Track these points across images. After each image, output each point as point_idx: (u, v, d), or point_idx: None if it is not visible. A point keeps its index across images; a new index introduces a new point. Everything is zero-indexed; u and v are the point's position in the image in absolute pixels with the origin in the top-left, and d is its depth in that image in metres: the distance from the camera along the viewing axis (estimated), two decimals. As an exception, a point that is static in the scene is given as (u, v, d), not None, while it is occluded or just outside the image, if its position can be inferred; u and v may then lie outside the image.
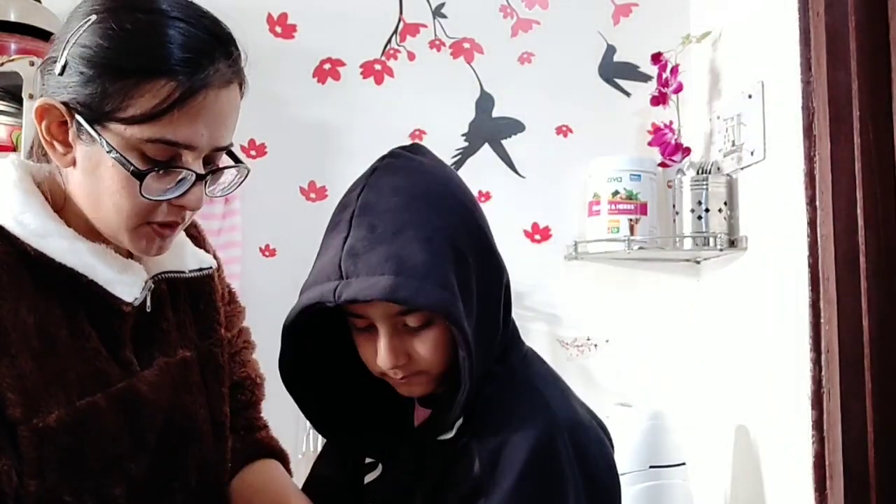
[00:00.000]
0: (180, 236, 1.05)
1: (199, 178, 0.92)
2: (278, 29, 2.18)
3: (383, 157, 0.99)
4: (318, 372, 1.03)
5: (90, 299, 0.93)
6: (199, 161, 0.92)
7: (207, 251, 1.15)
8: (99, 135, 0.88)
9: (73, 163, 0.92)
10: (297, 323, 0.94)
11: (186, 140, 0.89)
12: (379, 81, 2.20)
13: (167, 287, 1.05)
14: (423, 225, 0.89)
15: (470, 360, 0.88)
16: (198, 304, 1.10)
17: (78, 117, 0.89)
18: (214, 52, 0.91)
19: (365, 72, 2.20)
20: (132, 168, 0.88)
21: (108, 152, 0.88)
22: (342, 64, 2.20)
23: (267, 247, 2.10)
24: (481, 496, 0.91)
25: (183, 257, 1.07)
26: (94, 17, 0.89)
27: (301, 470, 2.22)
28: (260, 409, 1.23)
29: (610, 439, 1.01)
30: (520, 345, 1.03)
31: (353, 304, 0.89)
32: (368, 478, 1.04)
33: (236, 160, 1.00)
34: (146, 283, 0.99)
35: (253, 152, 2.15)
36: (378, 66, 2.20)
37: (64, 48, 0.89)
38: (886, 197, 1.50)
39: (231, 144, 0.97)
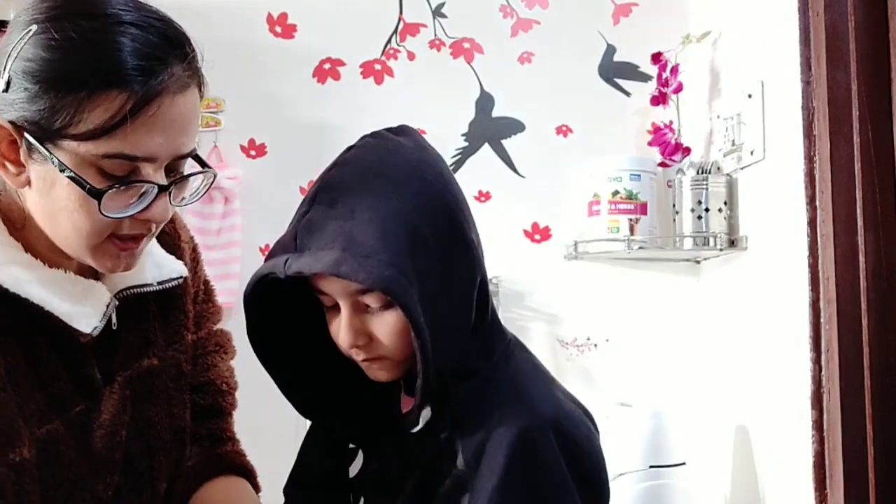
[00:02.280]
0: (153, 245, 1.01)
1: (162, 189, 0.86)
2: (278, 29, 2.18)
3: (363, 136, 0.97)
4: (304, 353, 1.02)
5: (48, 327, 0.89)
6: (160, 172, 0.86)
7: (180, 246, 1.10)
8: (51, 153, 0.82)
9: (28, 183, 0.86)
10: (255, 294, 0.94)
11: (145, 152, 0.83)
12: (379, 81, 2.20)
13: (135, 298, 1.00)
14: (381, 206, 0.88)
15: (423, 344, 0.86)
16: (168, 312, 1.06)
17: (27, 136, 0.83)
18: (168, 56, 0.84)
19: (365, 72, 2.20)
20: (88, 187, 0.82)
21: (62, 171, 0.82)
22: (342, 64, 2.20)
23: (267, 247, 2.10)
24: (466, 492, 0.91)
25: (148, 269, 1.01)
26: (34, 28, 0.82)
27: (301, 470, 2.20)
28: (228, 421, 1.14)
29: (595, 426, 0.99)
30: (504, 339, 1.01)
31: (300, 277, 0.89)
32: (353, 469, 1.04)
33: (203, 164, 0.94)
34: (109, 304, 0.95)
35: (253, 152, 2.15)
36: (378, 66, 2.20)
37: (6, 63, 0.83)
38: (886, 197, 1.50)
39: (195, 150, 0.90)
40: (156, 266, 1.02)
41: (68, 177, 0.82)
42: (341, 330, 0.92)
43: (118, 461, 0.94)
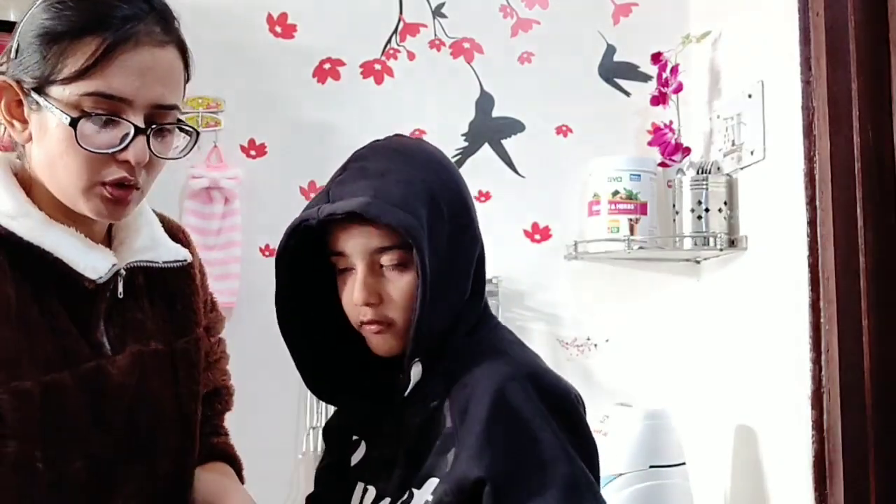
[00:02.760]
0: (156, 230, 1.10)
1: (139, 131, 0.94)
2: (278, 29, 2.18)
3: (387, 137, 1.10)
4: (319, 337, 1.09)
5: (58, 279, 0.97)
6: (139, 117, 0.95)
7: (192, 252, 1.17)
8: (44, 98, 0.93)
9: (31, 138, 0.97)
10: (286, 252, 1.03)
11: (120, 91, 0.93)
12: (379, 81, 2.20)
13: (144, 281, 1.07)
14: (407, 172, 1.00)
15: (424, 291, 0.95)
16: (175, 303, 1.12)
17: (27, 89, 0.95)
18: (146, 14, 0.96)
19: (365, 72, 2.20)
20: (68, 118, 0.92)
21: (49, 107, 0.93)
22: (342, 64, 2.19)
23: (267, 247, 2.10)
24: (453, 447, 0.96)
25: (156, 248, 1.09)
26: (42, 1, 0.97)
27: (301, 470, 2.23)
28: (223, 418, 1.26)
29: (582, 403, 1.03)
30: (491, 320, 1.10)
31: (331, 221, 0.98)
32: (355, 458, 1.10)
33: (185, 126, 1.02)
34: (115, 267, 1.01)
35: (253, 152, 2.15)
36: (378, 66, 2.20)
37: (17, 33, 0.97)
38: (886, 197, 1.50)
39: (176, 107, 0.99)
40: (164, 248, 1.10)
41: (55, 110, 0.92)
42: (356, 288, 1.00)
43: (120, 426, 0.99)
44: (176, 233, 1.17)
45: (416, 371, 1.00)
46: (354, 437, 1.10)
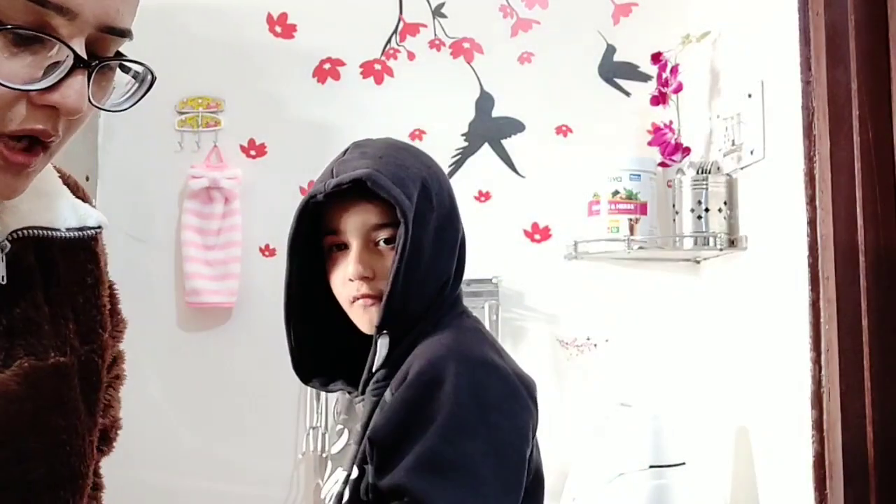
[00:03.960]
0: (55, 183, 0.77)
1: (80, 63, 0.62)
2: (278, 29, 2.18)
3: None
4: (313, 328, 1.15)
5: None
6: (80, 41, 0.62)
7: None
8: None
9: None
10: (298, 235, 1.10)
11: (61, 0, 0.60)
12: (379, 81, 2.20)
13: (36, 262, 0.74)
14: (403, 158, 1.08)
15: (401, 262, 1.01)
16: (77, 293, 0.79)
17: None
18: None
19: (365, 72, 2.20)
20: None
21: None
22: (342, 64, 2.20)
23: (267, 247, 2.10)
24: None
25: (57, 210, 0.75)
26: None
27: (301, 470, 2.23)
28: (100, 464, 0.90)
29: (534, 400, 1.05)
30: (457, 307, 1.13)
31: (330, 202, 1.06)
32: (337, 447, 1.17)
33: (134, 63, 0.69)
34: None
35: (253, 152, 2.15)
36: (378, 66, 2.20)
37: None
38: (886, 197, 1.50)
39: (129, 35, 0.67)
40: (67, 209, 0.77)
41: None
42: (351, 262, 1.06)
43: None
44: (74, 189, 0.82)
45: (382, 342, 1.05)
46: (338, 428, 1.16)
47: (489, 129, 2.20)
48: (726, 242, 1.92)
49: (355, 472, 1.02)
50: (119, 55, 0.67)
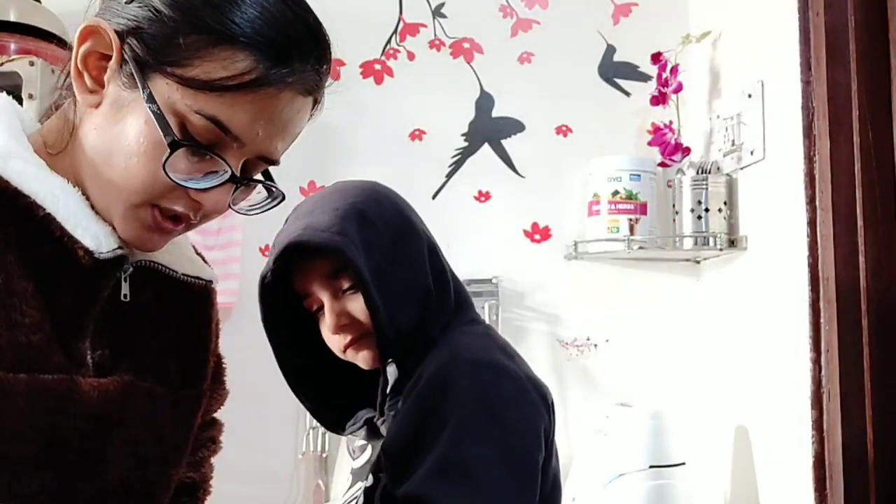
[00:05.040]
0: (184, 239, 0.90)
1: (233, 180, 0.76)
2: (278, 29, 2.18)
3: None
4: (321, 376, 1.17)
5: (43, 244, 0.74)
6: (238, 162, 0.77)
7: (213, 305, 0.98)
8: (145, 81, 0.73)
9: (98, 104, 0.76)
10: (268, 319, 1.12)
11: (239, 131, 0.74)
12: (379, 81, 2.20)
13: (155, 297, 0.85)
14: (334, 202, 1.08)
15: (370, 299, 1.02)
16: (187, 338, 0.90)
17: (128, 53, 0.74)
18: (309, 53, 0.77)
19: (365, 72, 2.20)
20: (170, 134, 0.72)
21: (149, 104, 0.72)
22: (342, 64, 2.19)
23: (267, 247, 2.10)
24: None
25: (178, 257, 0.88)
26: None
27: (301, 470, 2.23)
28: None
29: (547, 404, 1.05)
30: (463, 317, 1.13)
31: (290, 271, 1.08)
32: (357, 463, 1.15)
33: (271, 181, 0.85)
34: (121, 251, 0.79)
35: (253, 152, 2.15)
36: (378, 66, 2.20)
37: None
38: (886, 197, 1.50)
39: (277, 163, 0.82)
40: (186, 260, 0.90)
41: (152, 112, 0.72)
42: (327, 316, 1.06)
43: (70, 464, 0.76)
44: (195, 250, 0.97)
45: (391, 371, 1.05)
46: (361, 444, 1.14)
47: (489, 129, 2.20)
48: (726, 242, 1.92)
49: (370, 480, 1.02)
50: (266, 174, 0.83)
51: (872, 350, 1.48)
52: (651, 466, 1.80)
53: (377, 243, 1.05)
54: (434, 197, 2.17)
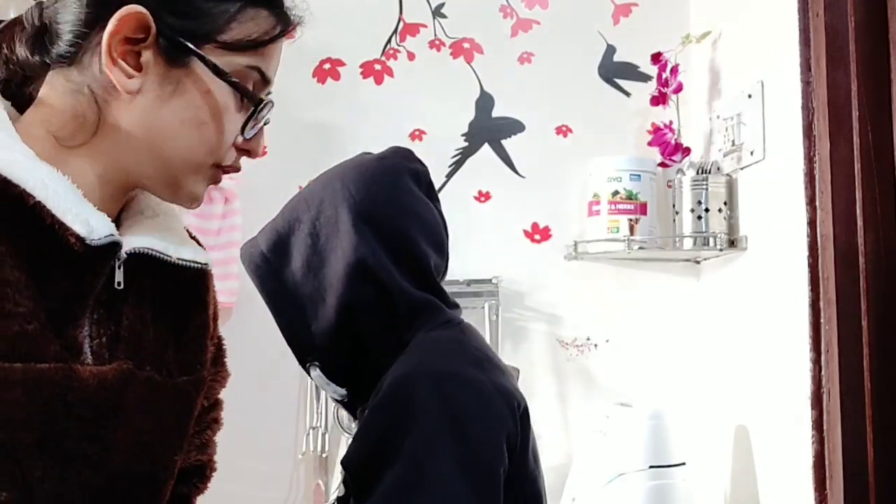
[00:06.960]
0: (175, 221, 0.91)
1: (266, 121, 0.90)
2: (278, 29, 2.18)
3: None
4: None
5: (35, 233, 0.74)
6: None
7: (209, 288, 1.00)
8: (196, 56, 0.79)
9: (136, 91, 0.78)
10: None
11: (270, 75, 0.87)
12: (379, 81, 2.20)
13: (151, 285, 0.85)
14: (275, 221, 1.10)
15: (271, 306, 1.06)
16: (186, 324, 0.91)
17: (167, 32, 0.78)
18: (296, 9, 0.91)
19: (365, 72, 2.20)
20: (247, 94, 0.83)
21: (219, 76, 0.80)
22: (342, 64, 2.20)
23: (267, 247, 2.11)
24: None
25: (171, 240, 0.88)
26: None
27: (301, 470, 2.23)
28: (196, 501, 1.02)
29: (515, 412, 0.97)
30: (432, 321, 1.05)
31: None
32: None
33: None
34: (114, 237, 0.79)
35: (253, 152, 2.15)
36: (378, 66, 2.20)
37: None
38: (886, 197, 1.50)
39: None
40: (181, 243, 0.89)
41: (228, 81, 0.81)
42: None
43: (78, 453, 0.77)
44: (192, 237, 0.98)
45: (315, 374, 1.05)
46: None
47: (489, 129, 2.20)
48: (726, 243, 1.92)
49: (341, 490, 1.01)
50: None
51: (872, 350, 1.48)
52: (651, 466, 1.80)
53: (283, 265, 1.07)
54: (434, 197, 2.17)
